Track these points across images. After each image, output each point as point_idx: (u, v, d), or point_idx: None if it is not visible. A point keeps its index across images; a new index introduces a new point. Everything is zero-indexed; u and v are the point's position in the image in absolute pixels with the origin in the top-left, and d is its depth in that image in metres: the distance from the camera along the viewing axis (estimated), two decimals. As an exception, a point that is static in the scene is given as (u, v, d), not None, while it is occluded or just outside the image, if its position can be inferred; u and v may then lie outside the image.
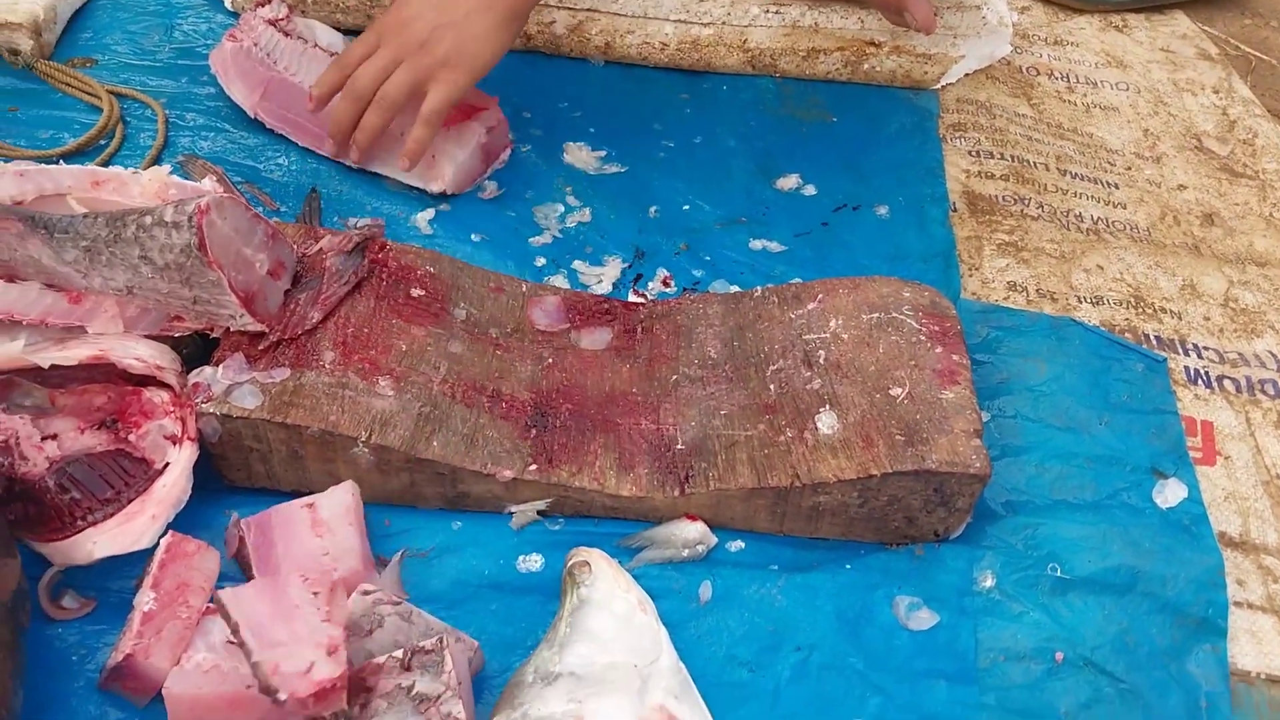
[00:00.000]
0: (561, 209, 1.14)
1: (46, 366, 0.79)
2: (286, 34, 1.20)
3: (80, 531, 0.80)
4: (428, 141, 1.07)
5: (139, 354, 0.82)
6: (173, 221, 0.81)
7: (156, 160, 1.13)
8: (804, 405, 0.90)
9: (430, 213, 1.11)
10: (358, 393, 0.86)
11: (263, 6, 1.21)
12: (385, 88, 1.05)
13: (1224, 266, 1.19)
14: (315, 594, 0.73)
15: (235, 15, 1.33)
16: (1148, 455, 0.96)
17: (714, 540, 0.87)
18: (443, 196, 1.13)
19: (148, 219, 0.82)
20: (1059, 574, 0.87)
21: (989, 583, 0.87)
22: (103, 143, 1.15)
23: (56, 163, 1.02)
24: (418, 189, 1.13)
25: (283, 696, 0.68)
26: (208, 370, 0.85)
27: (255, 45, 1.18)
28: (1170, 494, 0.93)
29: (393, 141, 1.11)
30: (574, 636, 0.78)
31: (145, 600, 0.75)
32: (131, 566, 0.81)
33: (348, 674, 0.69)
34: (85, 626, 0.80)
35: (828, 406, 0.89)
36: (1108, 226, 1.21)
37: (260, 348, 0.86)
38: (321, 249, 0.94)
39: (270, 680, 0.68)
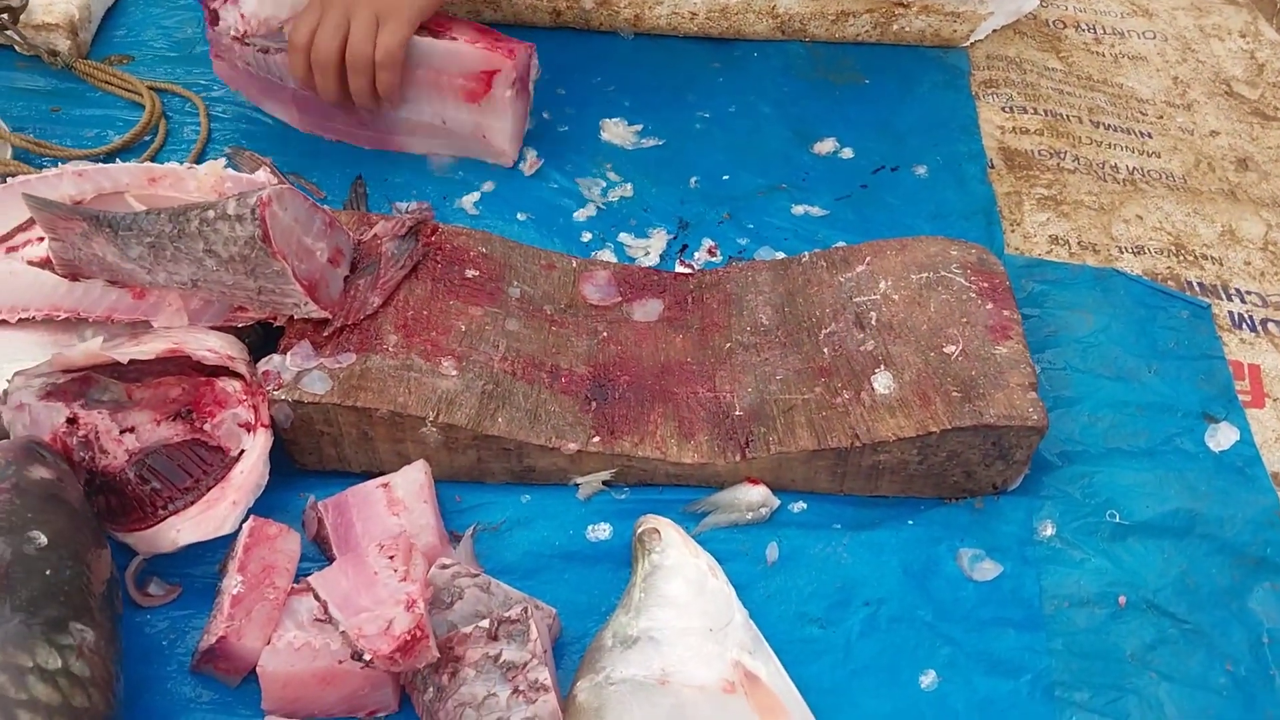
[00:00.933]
0: (603, 184, 1.16)
1: (125, 361, 0.81)
2: (260, 50, 1.14)
3: (163, 520, 0.82)
4: (395, 82, 1.09)
5: (211, 345, 0.84)
6: (236, 214, 0.83)
7: (201, 153, 1.15)
8: (859, 367, 0.91)
9: (475, 195, 1.12)
10: (422, 374, 0.87)
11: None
12: (352, 49, 1.07)
13: (1261, 210, 1.19)
14: (391, 558, 0.76)
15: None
16: (1198, 400, 0.97)
17: (777, 502, 0.89)
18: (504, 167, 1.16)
19: (210, 213, 0.83)
20: (1118, 520, 0.88)
21: (1049, 531, 0.88)
22: (147, 139, 1.17)
23: (111, 161, 1.03)
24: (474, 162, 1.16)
25: (368, 657, 0.71)
26: (276, 358, 0.87)
27: (247, 65, 1.15)
28: (1223, 437, 0.94)
29: (432, 127, 1.12)
30: (649, 601, 0.80)
31: (233, 584, 0.77)
32: (213, 552, 0.83)
33: (427, 624, 0.72)
34: (172, 612, 0.82)
35: (882, 367, 0.91)
36: (1144, 176, 1.22)
37: (325, 334, 0.88)
38: (376, 234, 0.96)
39: (356, 645, 0.71)
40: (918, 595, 0.85)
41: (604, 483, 0.90)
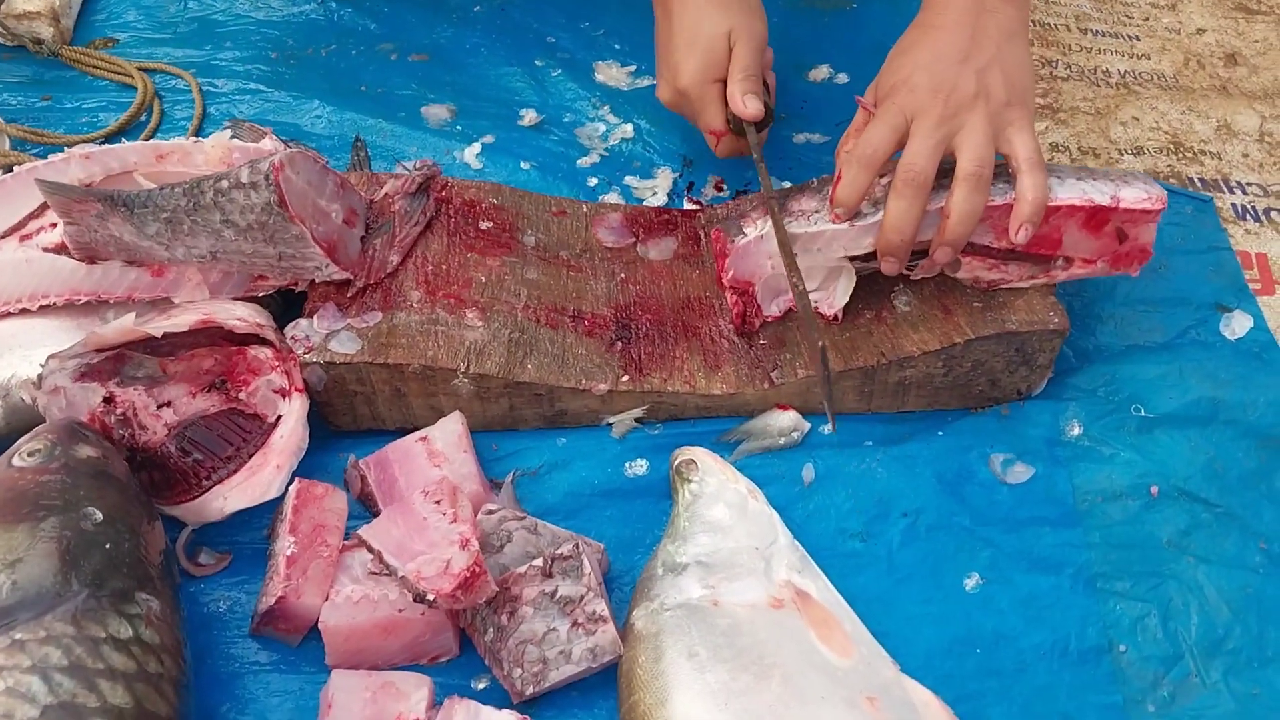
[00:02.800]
0: (603, 128, 1.16)
1: (159, 335, 0.82)
2: None
3: (208, 491, 0.83)
4: (1045, 188, 0.86)
5: (239, 314, 0.85)
6: (250, 182, 0.83)
7: (200, 129, 1.15)
8: (877, 286, 0.92)
9: (477, 147, 1.12)
10: (449, 327, 0.88)
11: None
12: (974, 163, 0.84)
13: (1255, 104, 1.20)
14: (438, 502, 0.77)
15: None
16: (1210, 291, 0.99)
17: (807, 426, 0.91)
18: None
19: (224, 183, 0.83)
20: (1143, 414, 0.90)
21: (1077, 431, 0.90)
22: (143, 119, 1.16)
23: (116, 141, 1.03)
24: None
25: (431, 597, 0.72)
26: (303, 322, 0.87)
27: None
28: (1237, 325, 0.96)
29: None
30: (694, 529, 0.82)
31: (286, 545, 0.78)
32: (259, 519, 0.85)
33: (483, 560, 0.74)
34: (225, 579, 0.83)
35: (901, 284, 0.92)
36: (1136, 78, 1.23)
37: (349, 295, 0.89)
38: (387, 193, 0.96)
39: (418, 587, 0.73)
40: (954, 502, 0.86)
41: (636, 420, 0.91)
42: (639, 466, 0.89)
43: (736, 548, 0.81)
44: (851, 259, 0.90)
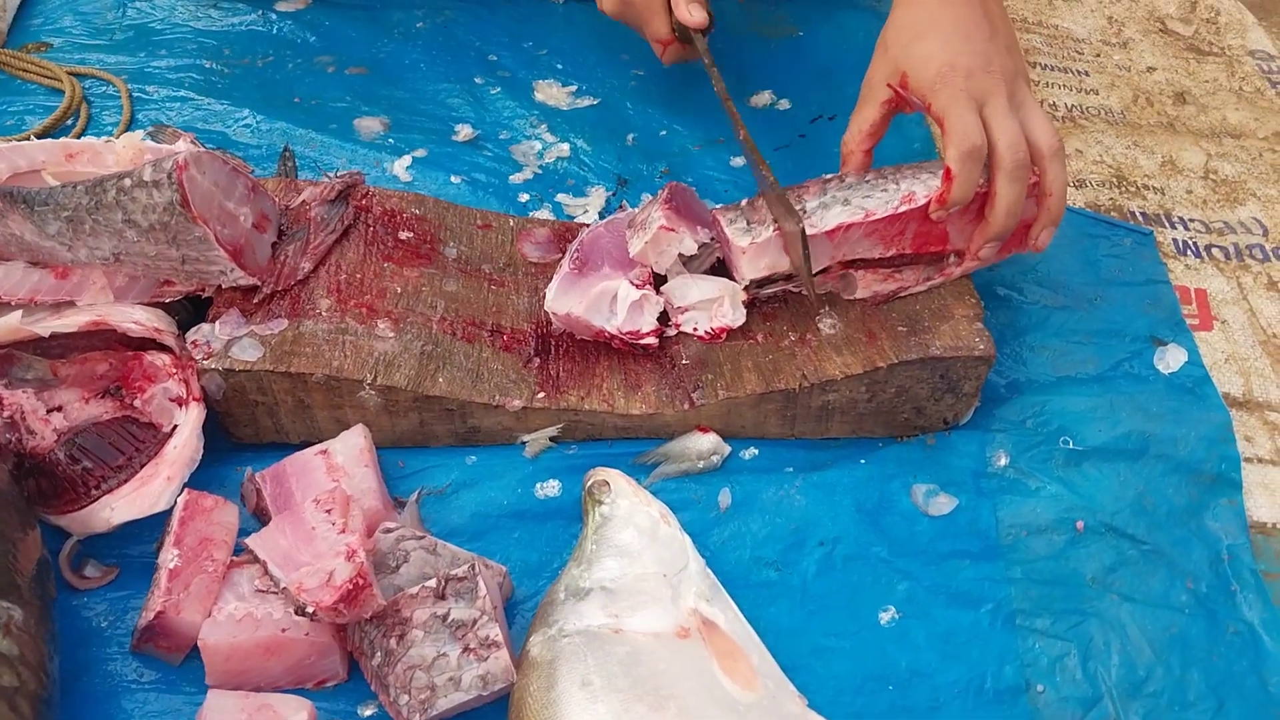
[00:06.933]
0: (539, 146, 1.14)
1: (47, 335, 0.78)
2: None
3: (96, 500, 0.80)
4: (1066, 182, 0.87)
5: (136, 318, 0.82)
6: (153, 180, 0.80)
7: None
8: (803, 309, 0.90)
9: (407, 160, 1.10)
10: (358, 337, 0.85)
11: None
12: (1012, 150, 0.83)
13: (1200, 141, 1.19)
14: (329, 511, 0.74)
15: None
16: (1145, 324, 0.97)
17: (728, 449, 0.88)
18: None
19: (127, 181, 0.81)
20: (1071, 446, 0.88)
21: (1003, 462, 0.87)
22: (69, 123, 1.14)
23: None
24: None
25: (310, 610, 0.69)
26: (205, 327, 0.84)
27: None
28: (1171, 359, 0.94)
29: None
30: (601, 553, 0.79)
31: (169, 558, 0.75)
32: (150, 531, 0.81)
33: (370, 572, 0.70)
34: (110, 594, 0.80)
35: (827, 307, 0.90)
36: (1083, 113, 1.22)
37: (255, 301, 0.86)
38: (304, 200, 0.93)
39: (299, 599, 0.69)
40: (872, 533, 0.83)
41: (551, 439, 0.88)
42: (551, 488, 0.86)
43: (644, 574, 0.78)
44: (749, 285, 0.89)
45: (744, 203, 0.90)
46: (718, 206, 0.91)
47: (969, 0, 0.88)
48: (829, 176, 0.90)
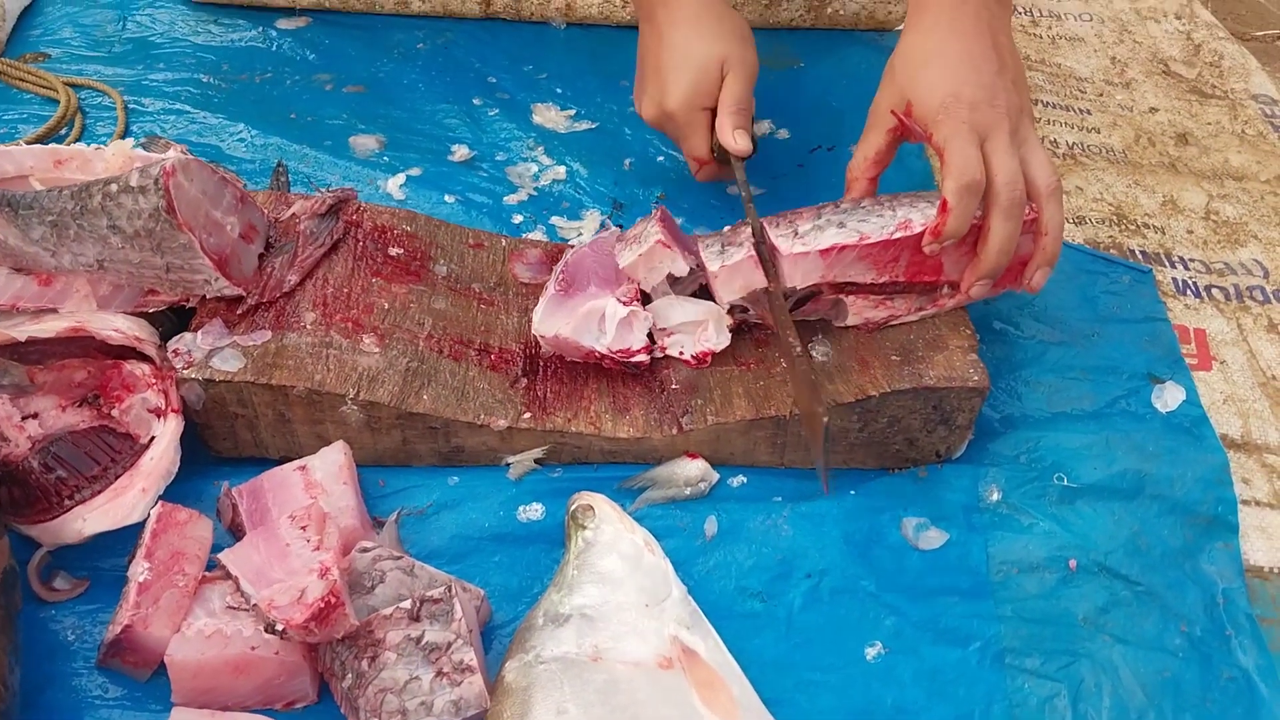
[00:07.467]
0: (535, 168, 1.13)
1: (24, 339, 0.77)
2: None
3: (68, 511, 0.78)
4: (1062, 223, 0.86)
5: (117, 325, 0.80)
6: (139, 186, 0.79)
7: (119, 146, 1.11)
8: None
9: (401, 178, 1.09)
10: (342, 351, 0.84)
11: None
12: (1009, 188, 0.82)
13: (1202, 182, 1.18)
14: (304, 528, 0.72)
15: (195, 6, 1.30)
16: (1143, 362, 0.96)
17: (716, 476, 0.86)
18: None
19: (113, 186, 0.79)
20: (1065, 483, 0.86)
21: (995, 497, 0.86)
22: (62, 133, 1.13)
23: (16, 147, 0.99)
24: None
25: (280, 627, 0.67)
26: (187, 336, 0.83)
27: None
28: (1169, 398, 0.92)
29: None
30: (582, 578, 0.77)
31: (140, 571, 0.73)
32: (123, 544, 0.79)
33: (343, 591, 0.69)
34: (80, 607, 0.78)
35: (820, 335, 0.88)
36: (1084, 150, 1.21)
37: (239, 312, 0.85)
38: (294, 214, 0.92)
39: (269, 616, 0.68)
40: (860, 566, 0.82)
41: (536, 461, 0.86)
42: (534, 511, 0.84)
43: (625, 602, 0.76)
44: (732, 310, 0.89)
45: (726, 229, 0.89)
46: (699, 233, 0.90)
47: (979, 32, 0.87)
48: (826, 203, 0.89)
